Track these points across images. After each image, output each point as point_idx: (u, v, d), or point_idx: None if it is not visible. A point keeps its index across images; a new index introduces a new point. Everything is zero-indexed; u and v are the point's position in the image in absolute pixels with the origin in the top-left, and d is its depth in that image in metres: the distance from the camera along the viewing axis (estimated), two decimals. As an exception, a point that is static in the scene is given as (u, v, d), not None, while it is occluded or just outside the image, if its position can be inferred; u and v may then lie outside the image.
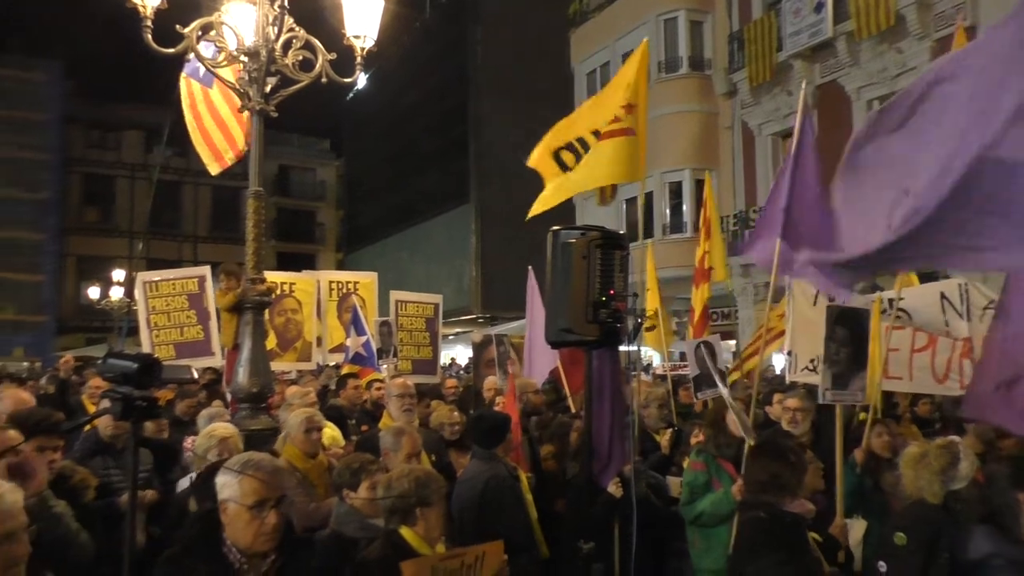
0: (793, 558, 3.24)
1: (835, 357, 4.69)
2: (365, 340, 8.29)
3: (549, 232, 4.19)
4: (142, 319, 8.38)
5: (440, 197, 36.51)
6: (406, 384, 5.66)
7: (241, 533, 2.59)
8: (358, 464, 3.79)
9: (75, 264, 36.95)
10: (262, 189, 6.46)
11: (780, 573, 3.21)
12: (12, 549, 2.35)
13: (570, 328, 3.95)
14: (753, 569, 3.31)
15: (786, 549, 3.25)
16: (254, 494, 2.58)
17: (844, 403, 4.77)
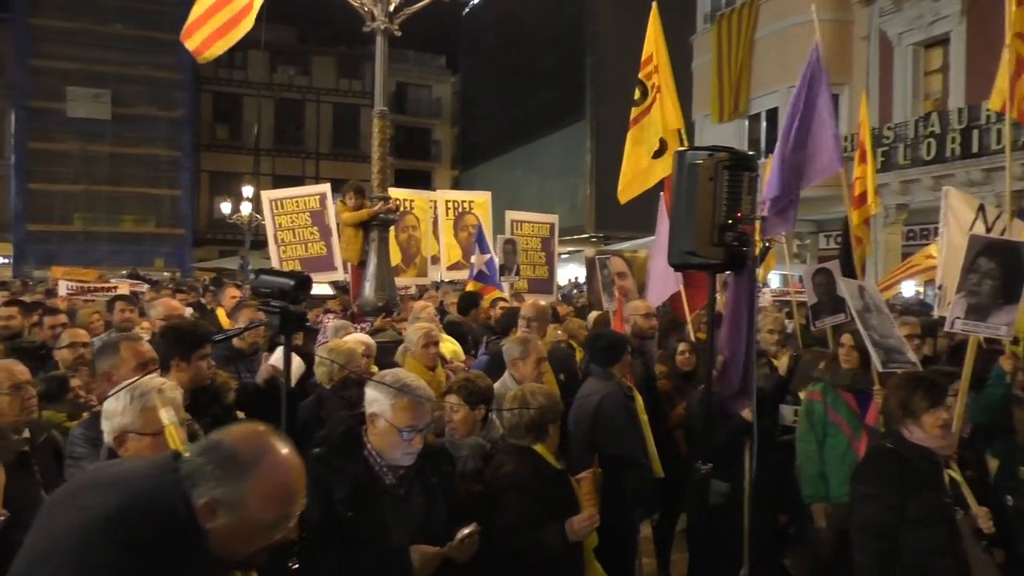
0: (909, 492, 3.15)
1: (974, 288, 4.45)
2: (488, 258, 8.42)
3: (675, 153, 4.08)
4: (270, 235, 8.77)
5: (555, 113, 36.01)
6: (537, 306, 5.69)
7: (388, 448, 2.79)
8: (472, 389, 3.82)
9: (208, 179, 38.88)
10: (387, 108, 6.55)
11: (882, 506, 3.15)
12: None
13: (694, 251, 3.88)
14: (860, 496, 3.28)
15: (901, 483, 3.17)
16: (407, 420, 2.75)
17: (977, 334, 4.52)
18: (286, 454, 1.71)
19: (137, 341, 3.42)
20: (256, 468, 1.64)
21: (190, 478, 1.63)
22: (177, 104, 36.45)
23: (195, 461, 1.66)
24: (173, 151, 36.42)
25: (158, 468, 1.71)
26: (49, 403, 4.00)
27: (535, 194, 34.84)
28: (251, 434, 1.72)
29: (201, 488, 1.62)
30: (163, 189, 36.34)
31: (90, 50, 34.20)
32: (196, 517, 1.62)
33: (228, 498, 1.62)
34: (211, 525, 1.63)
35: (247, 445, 1.68)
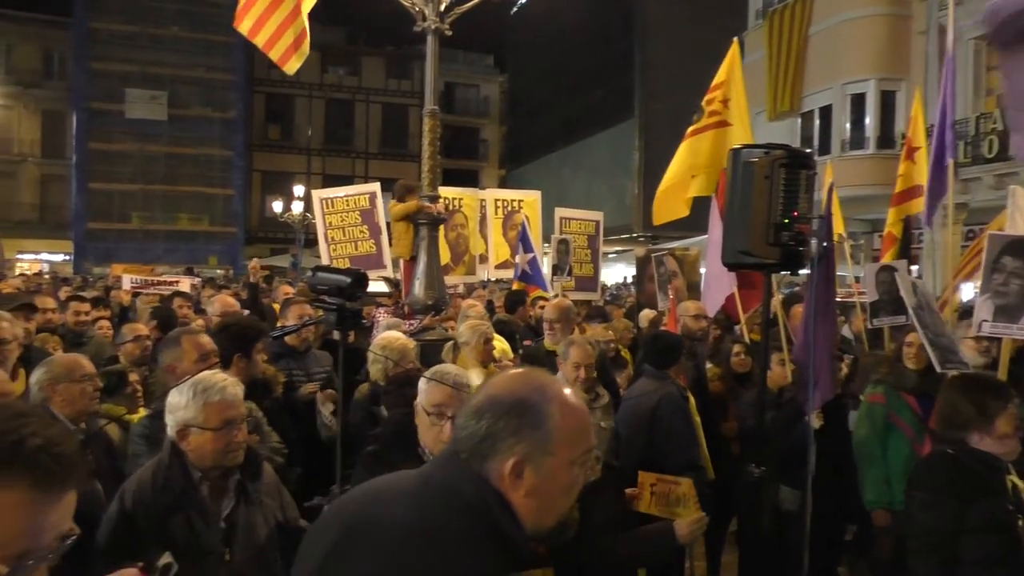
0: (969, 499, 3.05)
1: (1001, 288, 4.29)
2: (532, 257, 8.40)
3: (730, 151, 4.03)
4: (320, 234, 8.87)
5: (603, 112, 35.85)
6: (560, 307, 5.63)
7: (430, 441, 2.78)
8: None
9: (260, 179, 39.60)
10: (437, 108, 6.58)
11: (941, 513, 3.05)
12: (233, 435, 2.63)
13: (749, 250, 3.82)
14: (918, 502, 3.18)
15: (961, 489, 3.07)
16: (432, 401, 2.76)
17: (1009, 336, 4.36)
18: (558, 380, 1.59)
19: (198, 334, 3.51)
20: (549, 404, 1.47)
21: (477, 452, 1.44)
22: (230, 105, 37.21)
23: (475, 430, 1.46)
24: (226, 151, 37.19)
25: (442, 464, 1.52)
26: (109, 397, 4.11)
27: (582, 193, 34.72)
28: (519, 377, 1.55)
29: (500, 453, 1.43)
30: (217, 188, 37.12)
31: (147, 52, 35.14)
32: (502, 493, 1.43)
33: (534, 449, 1.44)
34: (518, 494, 1.44)
35: (525, 387, 1.50)
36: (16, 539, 1.08)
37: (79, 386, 3.29)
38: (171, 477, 2.63)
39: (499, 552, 1.38)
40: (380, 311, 6.65)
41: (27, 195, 36.98)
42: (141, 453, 3.16)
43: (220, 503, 2.66)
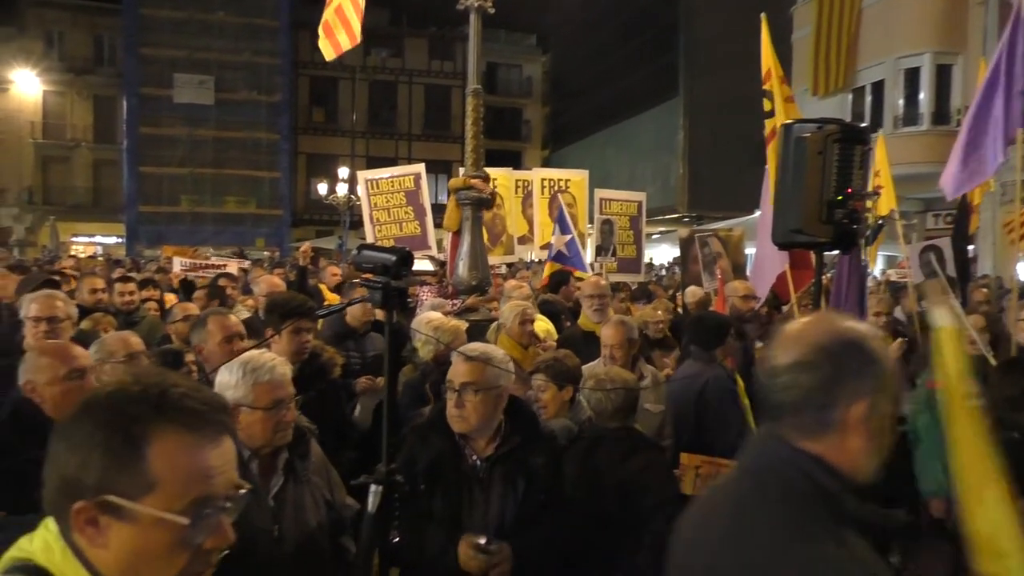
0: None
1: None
2: (569, 239, 8.34)
3: (781, 126, 3.92)
4: (366, 215, 8.92)
5: (647, 92, 35.41)
6: (598, 284, 5.60)
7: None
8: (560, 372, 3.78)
9: (305, 161, 40.00)
10: (480, 87, 6.53)
11: None
12: (283, 415, 2.64)
13: (800, 228, 3.72)
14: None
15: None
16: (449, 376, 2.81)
17: None
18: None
19: (223, 315, 3.54)
20: (871, 341, 1.39)
21: (811, 403, 1.36)
22: (276, 88, 37.56)
23: (806, 382, 1.37)
24: (272, 134, 37.60)
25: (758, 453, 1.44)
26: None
27: (626, 173, 34.40)
28: (826, 321, 1.46)
29: (843, 399, 1.36)
30: (263, 171, 37.58)
31: (195, 38, 35.62)
32: (820, 457, 1.36)
33: (877, 386, 1.38)
34: (855, 440, 1.37)
35: (841, 328, 1.42)
36: (187, 484, 1.11)
37: (124, 365, 3.34)
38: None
39: (833, 524, 1.33)
40: (424, 290, 6.66)
41: (81, 179, 37.92)
42: None
43: (269, 481, 2.68)
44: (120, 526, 1.08)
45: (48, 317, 3.88)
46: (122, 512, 1.08)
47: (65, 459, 1.10)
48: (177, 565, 1.11)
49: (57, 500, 1.11)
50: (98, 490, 1.08)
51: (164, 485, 1.09)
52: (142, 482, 1.08)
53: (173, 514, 1.09)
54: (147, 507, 1.08)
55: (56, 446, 1.12)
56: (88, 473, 1.08)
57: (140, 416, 1.10)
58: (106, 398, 1.13)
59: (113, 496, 1.08)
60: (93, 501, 1.08)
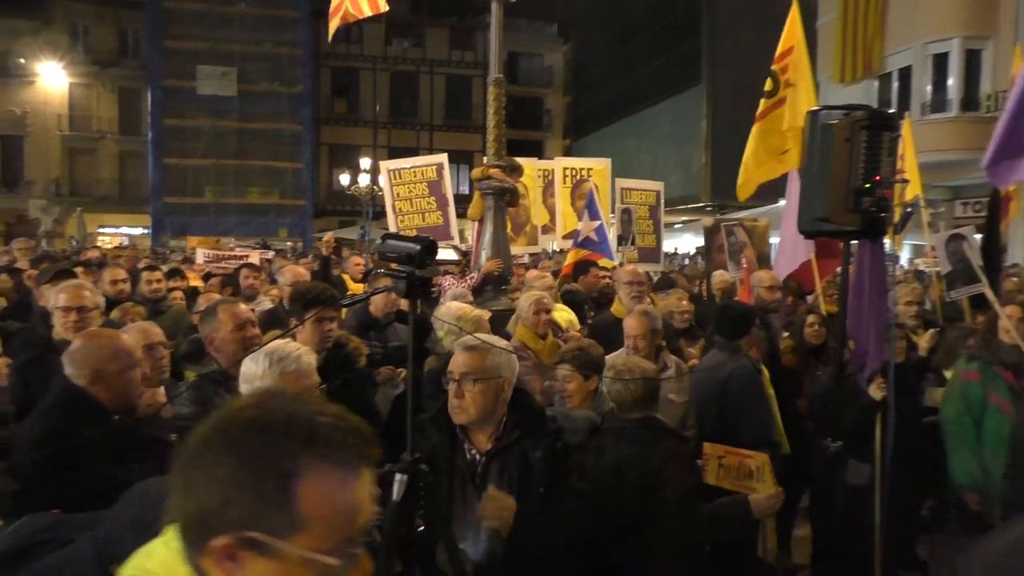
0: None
1: None
2: (598, 225, 8.29)
3: (807, 113, 3.87)
4: (388, 205, 8.91)
5: (669, 80, 35.13)
6: (636, 271, 5.60)
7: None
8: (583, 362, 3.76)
9: (327, 152, 40.16)
10: (502, 76, 6.51)
11: None
12: None
13: (827, 217, 3.68)
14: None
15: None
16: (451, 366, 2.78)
17: None
18: None
19: (233, 304, 3.54)
20: None
21: None
22: (298, 80, 37.70)
23: None
24: (295, 125, 37.75)
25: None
26: (191, 364, 4.22)
27: (648, 162, 34.18)
28: None
29: None
30: (286, 162, 37.76)
31: (217, 30, 35.79)
32: None
33: None
34: None
35: None
36: (336, 523, 1.06)
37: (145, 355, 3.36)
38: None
39: None
40: (447, 279, 6.67)
41: (107, 171, 38.31)
42: (188, 416, 3.21)
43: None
44: (262, 562, 1.03)
45: (78, 307, 3.93)
46: (267, 549, 1.03)
47: (206, 492, 1.04)
48: None
49: (191, 529, 1.07)
50: (242, 526, 1.03)
51: (313, 525, 1.04)
52: (291, 521, 1.03)
53: (323, 555, 1.04)
54: (296, 547, 1.03)
55: (192, 475, 1.06)
56: (233, 510, 1.03)
57: (290, 452, 1.04)
58: (251, 430, 1.06)
59: (259, 534, 1.02)
60: (237, 537, 1.03)
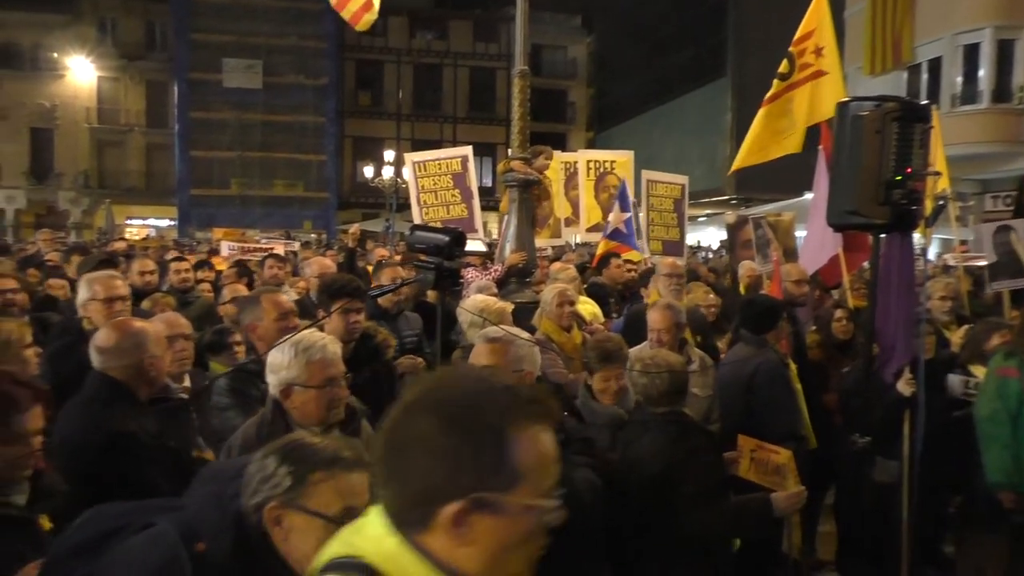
0: None
1: None
2: (628, 217, 8.25)
3: (837, 104, 3.82)
4: (413, 197, 8.91)
5: (694, 72, 34.88)
6: (676, 264, 5.58)
7: None
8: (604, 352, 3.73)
9: (351, 145, 40.32)
10: (527, 68, 6.49)
11: None
12: (334, 392, 2.68)
13: (856, 210, 3.64)
14: None
15: None
16: None
17: None
18: None
19: (276, 293, 3.57)
20: None
21: None
22: (322, 72, 37.88)
23: None
24: (319, 118, 37.96)
25: None
26: (214, 354, 4.26)
27: (672, 155, 33.97)
28: None
29: None
30: (310, 155, 37.98)
31: (243, 23, 36.05)
32: None
33: None
34: None
35: None
36: (545, 472, 1.18)
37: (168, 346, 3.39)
38: (274, 433, 2.70)
39: None
40: (469, 271, 6.67)
41: (134, 163, 38.77)
42: (225, 406, 3.29)
43: (321, 458, 2.73)
44: (489, 520, 1.13)
45: (108, 297, 3.97)
46: (494, 507, 1.13)
47: (428, 467, 1.13)
48: (534, 549, 1.19)
49: (415, 507, 1.15)
50: (471, 489, 1.12)
51: (529, 476, 1.14)
52: (512, 476, 1.13)
53: (542, 501, 1.16)
54: (519, 498, 1.14)
55: (402, 461, 1.16)
56: (461, 476, 1.12)
57: (501, 415, 1.15)
58: (464, 404, 1.16)
59: (487, 493, 1.12)
60: (468, 501, 1.12)
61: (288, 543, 1.69)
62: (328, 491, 1.71)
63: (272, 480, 1.71)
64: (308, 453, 1.75)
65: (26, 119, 36.90)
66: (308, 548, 1.64)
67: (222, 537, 1.68)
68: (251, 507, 1.71)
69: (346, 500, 1.71)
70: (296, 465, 1.72)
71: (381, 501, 1.20)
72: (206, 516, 1.71)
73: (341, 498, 1.71)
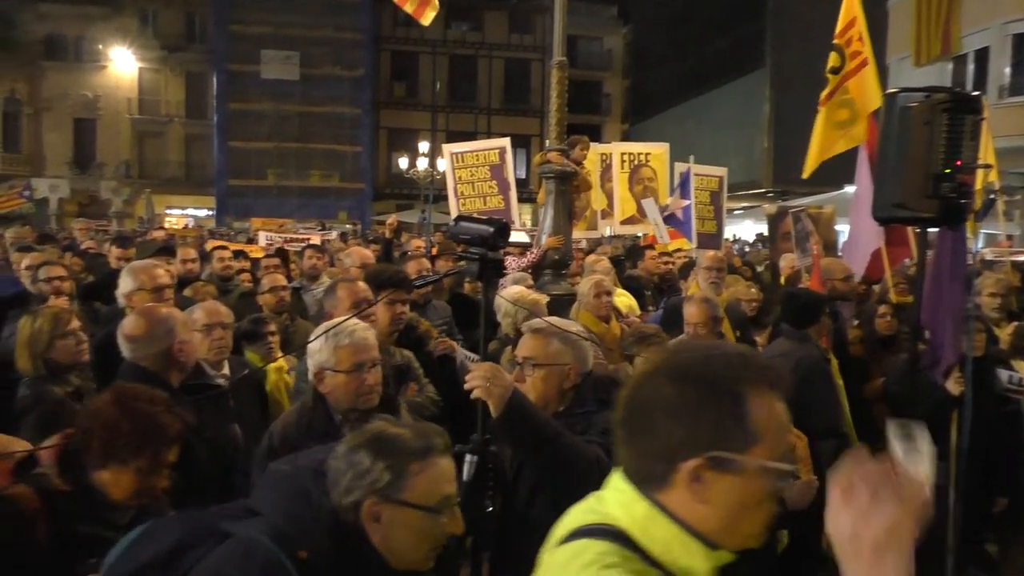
0: None
1: None
2: (687, 205, 8.21)
3: (884, 95, 3.74)
4: (450, 188, 8.95)
5: (731, 62, 34.42)
6: (717, 256, 5.55)
7: None
8: (639, 335, 3.77)
9: (386, 136, 40.51)
10: (565, 60, 6.47)
11: None
12: (364, 377, 2.69)
13: (903, 203, 3.55)
14: None
15: None
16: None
17: None
18: None
19: (353, 283, 3.62)
20: None
21: None
22: (358, 63, 38.06)
23: None
24: (355, 109, 38.17)
25: None
26: (249, 343, 4.30)
27: (708, 147, 33.55)
28: None
29: None
30: (346, 146, 38.22)
31: (280, 14, 36.32)
32: None
33: None
34: None
35: None
36: (780, 435, 1.22)
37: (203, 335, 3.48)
38: (314, 419, 2.75)
39: None
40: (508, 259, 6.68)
41: (174, 154, 39.35)
42: (303, 391, 3.33)
43: (361, 446, 2.75)
44: (725, 479, 1.17)
45: (154, 287, 4.04)
46: (731, 466, 1.16)
47: (668, 427, 1.18)
48: (767, 513, 1.21)
49: (656, 465, 1.20)
50: (709, 446, 1.16)
51: (765, 437, 1.18)
52: (748, 437, 1.17)
53: (777, 463, 1.18)
54: (755, 458, 1.17)
55: (643, 422, 1.22)
56: (700, 434, 1.17)
57: (737, 378, 1.19)
58: (702, 368, 1.21)
59: (724, 452, 1.16)
60: (705, 457, 1.16)
61: (387, 539, 1.67)
62: (425, 481, 1.68)
63: (369, 476, 1.66)
64: (400, 445, 1.71)
65: (69, 110, 37.65)
66: (408, 541, 1.67)
67: (321, 540, 1.63)
68: (346, 505, 1.66)
69: (442, 488, 1.70)
70: (393, 459, 1.68)
71: (622, 462, 1.25)
72: (297, 520, 1.64)
73: (438, 486, 1.70)
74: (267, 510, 1.67)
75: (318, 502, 1.67)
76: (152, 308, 3.35)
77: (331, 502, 1.67)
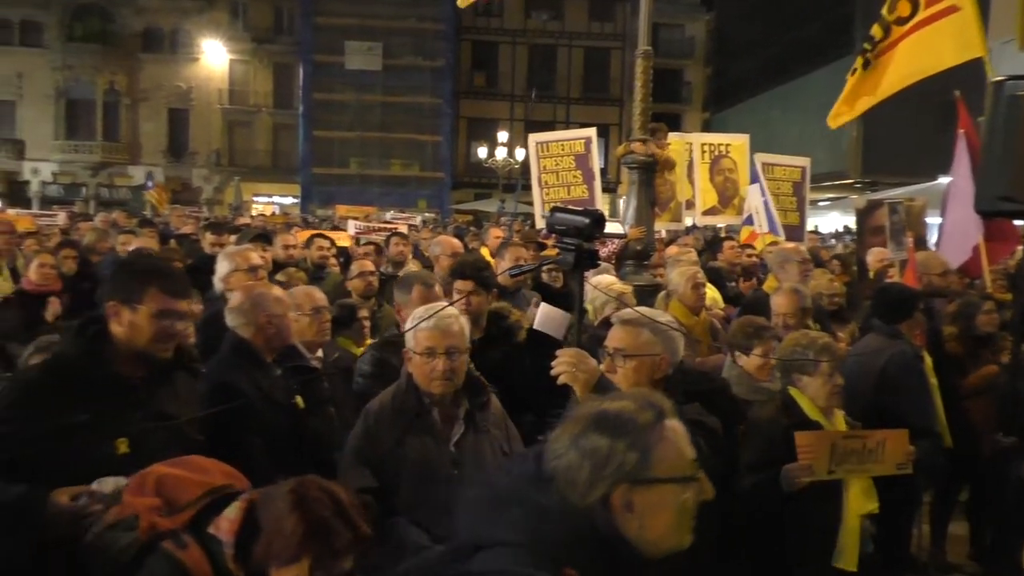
0: None
1: None
2: (765, 200, 8.10)
3: (991, 83, 3.60)
4: (534, 177, 8.99)
5: (819, 48, 33.30)
6: (800, 249, 5.44)
7: None
8: (753, 328, 3.76)
9: (466, 125, 40.86)
10: (650, 49, 6.41)
11: None
12: (434, 363, 2.77)
13: (1011, 196, 3.42)
14: None
15: None
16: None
17: None
18: None
19: (430, 288, 3.69)
20: None
21: None
22: (439, 54, 38.48)
23: None
24: (435, 99, 38.62)
25: None
26: (341, 329, 4.43)
27: (792, 136, 32.62)
28: None
29: None
30: (426, 135, 38.75)
31: (364, 6, 37.05)
32: None
33: None
34: None
35: None
36: None
37: (309, 317, 3.59)
38: (406, 401, 2.85)
39: None
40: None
41: (261, 143, 40.63)
42: (368, 374, 3.48)
43: (450, 429, 2.83)
44: None
45: (249, 267, 4.21)
46: None
47: None
48: None
49: None
50: None
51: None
52: None
53: None
54: None
55: None
56: None
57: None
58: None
59: None
60: None
61: (644, 527, 1.46)
62: (670, 449, 1.50)
63: (613, 461, 1.45)
64: (630, 417, 1.50)
65: (164, 100, 39.28)
66: (669, 522, 1.49)
67: (583, 552, 1.42)
68: (595, 503, 1.45)
69: (687, 451, 1.52)
70: (631, 435, 1.47)
71: None
72: (549, 539, 1.41)
73: (683, 451, 1.52)
74: (507, 538, 1.43)
75: (559, 511, 1.45)
76: (251, 284, 3.51)
77: (573, 506, 1.45)
